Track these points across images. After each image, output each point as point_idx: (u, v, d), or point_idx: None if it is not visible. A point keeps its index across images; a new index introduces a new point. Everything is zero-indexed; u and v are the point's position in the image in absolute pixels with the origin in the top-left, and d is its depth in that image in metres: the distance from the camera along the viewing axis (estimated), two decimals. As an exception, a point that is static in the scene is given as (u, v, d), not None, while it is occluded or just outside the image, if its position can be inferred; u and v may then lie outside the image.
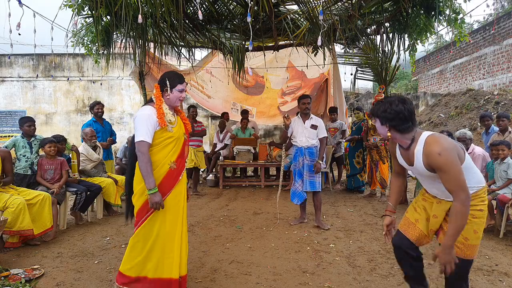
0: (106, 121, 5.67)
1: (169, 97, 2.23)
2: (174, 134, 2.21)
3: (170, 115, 2.23)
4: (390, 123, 1.86)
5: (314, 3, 4.23)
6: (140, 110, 2.19)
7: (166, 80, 2.22)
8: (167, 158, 2.18)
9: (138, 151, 2.09)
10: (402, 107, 1.82)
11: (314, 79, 7.68)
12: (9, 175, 3.51)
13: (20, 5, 3.67)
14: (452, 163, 1.69)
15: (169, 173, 2.18)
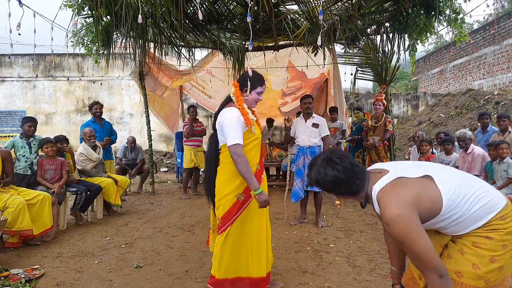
0: (106, 121, 5.67)
1: (248, 98, 2.21)
2: (258, 135, 2.20)
3: (251, 114, 2.20)
4: (335, 193, 1.49)
5: (314, 3, 4.23)
6: (227, 112, 2.13)
7: (247, 80, 2.19)
8: (254, 159, 2.16)
9: (235, 154, 2.03)
10: (333, 172, 1.42)
11: (314, 79, 7.68)
12: (9, 176, 3.52)
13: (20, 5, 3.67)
14: (406, 236, 1.23)
15: (256, 174, 2.16)
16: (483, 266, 1.28)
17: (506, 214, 1.31)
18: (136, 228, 4.09)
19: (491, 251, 1.28)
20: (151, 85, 6.53)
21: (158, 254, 3.22)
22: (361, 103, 11.62)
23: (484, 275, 1.28)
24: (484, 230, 1.30)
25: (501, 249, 1.27)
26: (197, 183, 6.34)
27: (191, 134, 5.78)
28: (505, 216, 1.30)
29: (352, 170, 1.41)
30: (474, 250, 1.29)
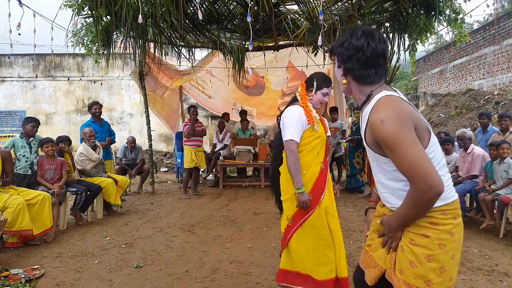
0: (104, 121, 5.67)
1: (312, 97, 2.23)
2: (321, 133, 2.22)
3: (314, 112, 2.23)
4: (345, 65, 1.31)
5: (314, 3, 4.23)
6: (289, 110, 2.19)
7: (314, 80, 2.23)
8: (318, 158, 2.18)
9: (288, 149, 2.10)
10: (365, 43, 1.24)
11: (314, 79, 7.67)
12: (9, 175, 3.51)
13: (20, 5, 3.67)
14: (399, 136, 1.12)
15: (321, 173, 2.18)
16: (420, 265, 1.21)
17: (450, 210, 1.22)
18: (136, 228, 4.09)
19: (427, 249, 1.21)
20: (151, 85, 6.53)
21: (158, 254, 3.22)
22: (361, 103, 11.61)
23: (422, 275, 1.21)
24: (423, 222, 1.21)
25: (438, 248, 1.20)
26: (197, 183, 6.34)
27: (192, 134, 5.78)
28: (447, 212, 1.22)
29: (380, 58, 1.26)
30: (411, 248, 1.23)
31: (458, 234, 1.24)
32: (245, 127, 7.30)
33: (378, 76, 1.28)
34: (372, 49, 1.24)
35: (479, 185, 4.16)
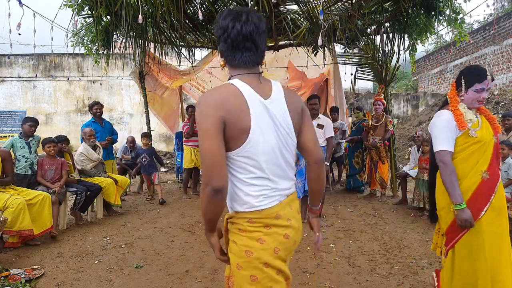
0: (106, 121, 5.67)
1: (464, 98, 1.93)
2: (480, 138, 1.85)
3: (471, 114, 1.90)
4: (218, 46, 1.26)
5: (314, 3, 4.24)
6: (436, 116, 1.95)
7: (461, 78, 1.95)
8: (477, 167, 1.84)
9: (440, 162, 1.85)
10: (230, 23, 1.18)
11: (314, 79, 7.67)
12: (9, 175, 3.51)
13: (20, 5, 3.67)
14: (200, 124, 1.13)
15: (481, 184, 1.83)
16: (235, 273, 1.18)
17: (257, 219, 1.18)
18: (136, 228, 4.09)
19: (237, 256, 1.17)
20: (151, 85, 6.53)
21: (158, 254, 3.22)
22: (361, 103, 11.62)
23: (238, 284, 1.18)
24: (233, 229, 1.20)
25: (245, 255, 1.15)
26: (197, 183, 6.33)
27: (191, 134, 5.78)
28: (254, 220, 1.18)
29: (244, 41, 1.18)
30: (229, 256, 1.21)
31: (272, 243, 1.17)
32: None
33: (243, 61, 1.21)
34: (237, 31, 1.16)
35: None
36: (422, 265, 2.95)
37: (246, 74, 1.22)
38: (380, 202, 5.37)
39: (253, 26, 1.18)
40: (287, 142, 1.25)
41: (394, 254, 3.21)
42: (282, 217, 1.21)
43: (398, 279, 2.68)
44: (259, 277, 1.15)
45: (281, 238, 1.20)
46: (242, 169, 1.18)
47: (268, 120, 1.20)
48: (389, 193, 5.82)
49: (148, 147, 5.72)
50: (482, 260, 1.79)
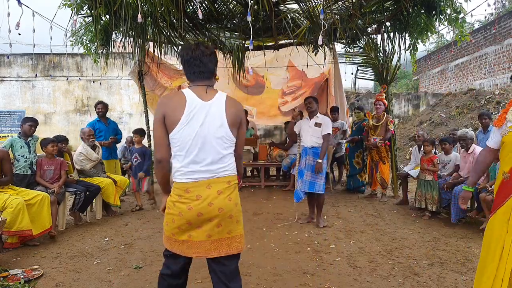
0: (111, 120, 5.71)
1: None
2: (505, 139, 1.90)
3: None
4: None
5: (314, 2, 4.22)
6: None
7: None
8: (501, 167, 1.92)
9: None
10: (185, 52, 1.71)
11: (314, 79, 7.65)
12: (7, 175, 3.49)
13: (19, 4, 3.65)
14: (154, 118, 1.74)
15: (502, 184, 1.87)
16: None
17: (175, 188, 1.68)
18: (136, 228, 4.08)
19: (167, 207, 1.74)
20: (150, 85, 6.51)
21: (157, 255, 3.20)
22: (362, 103, 11.60)
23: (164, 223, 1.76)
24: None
25: (167, 209, 1.72)
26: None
27: None
28: (174, 188, 1.69)
29: (189, 63, 1.72)
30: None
31: (178, 209, 1.65)
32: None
33: (195, 76, 1.73)
34: (189, 55, 1.70)
35: (480, 185, 4.14)
36: (423, 265, 2.93)
37: (195, 86, 1.72)
38: (381, 203, 5.35)
39: (200, 52, 1.69)
40: (218, 133, 1.66)
41: (395, 254, 3.19)
42: (192, 193, 1.64)
43: (399, 280, 2.66)
44: (168, 225, 1.70)
45: (184, 208, 1.63)
46: (174, 147, 1.68)
47: (201, 116, 1.65)
48: (390, 193, 5.80)
49: (141, 145, 5.11)
50: (484, 251, 1.89)
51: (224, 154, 1.68)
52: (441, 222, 4.31)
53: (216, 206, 1.63)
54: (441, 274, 2.76)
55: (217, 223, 1.65)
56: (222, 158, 1.67)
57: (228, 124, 1.67)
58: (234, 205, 1.69)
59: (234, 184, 1.73)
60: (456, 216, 4.16)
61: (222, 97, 1.71)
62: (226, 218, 1.66)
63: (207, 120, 1.64)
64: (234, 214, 1.69)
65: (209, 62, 1.72)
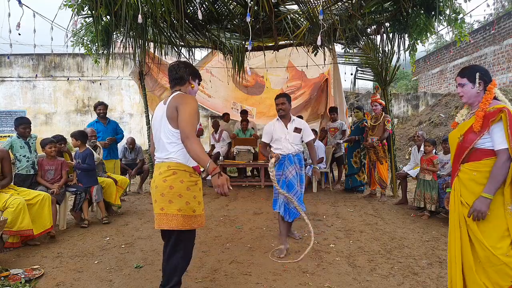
0: (112, 120, 5.70)
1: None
2: (449, 136, 2.12)
3: (464, 111, 2.10)
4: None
5: (314, 3, 4.23)
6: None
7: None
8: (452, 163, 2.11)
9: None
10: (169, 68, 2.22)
11: (314, 79, 7.68)
12: (7, 175, 3.50)
13: (20, 5, 3.67)
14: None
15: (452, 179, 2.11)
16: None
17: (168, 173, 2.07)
18: (136, 228, 4.09)
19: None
20: (150, 86, 6.53)
21: (158, 254, 3.22)
22: (361, 103, 11.62)
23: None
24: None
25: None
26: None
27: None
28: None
29: (170, 74, 2.23)
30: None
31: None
32: (244, 128, 7.30)
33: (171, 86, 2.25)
34: (169, 71, 2.22)
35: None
36: (422, 265, 2.94)
37: (173, 92, 2.17)
38: (380, 202, 5.37)
39: (173, 67, 2.21)
40: (164, 128, 2.09)
41: (394, 254, 3.20)
42: (154, 172, 2.18)
43: (398, 279, 2.68)
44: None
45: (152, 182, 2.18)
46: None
47: (158, 115, 2.17)
48: (389, 193, 5.82)
49: (84, 148, 4.34)
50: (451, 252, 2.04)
51: (167, 142, 2.09)
52: (440, 221, 4.32)
53: (154, 184, 2.11)
54: (440, 274, 2.77)
55: (154, 200, 2.12)
56: (167, 145, 2.09)
57: (169, 119, 2.06)
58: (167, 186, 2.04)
59: (174, 169, 2.05)
60: (455, 216, 4.17)
61: (170, 98, 2.12)
62: (159, 196, 2.06)
63: (160, 118, 2.15)
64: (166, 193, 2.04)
65: (180, 71, 2.21)
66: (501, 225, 1.84)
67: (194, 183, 2.09)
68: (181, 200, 2.03)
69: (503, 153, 1.82)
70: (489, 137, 1.88)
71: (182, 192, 2.03)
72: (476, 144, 1.92)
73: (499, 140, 1.83)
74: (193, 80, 2.25)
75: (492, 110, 1.87)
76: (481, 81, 1.98)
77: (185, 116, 1.97)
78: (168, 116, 2.04)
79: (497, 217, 1.85)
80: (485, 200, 1.83)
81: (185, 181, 2.04)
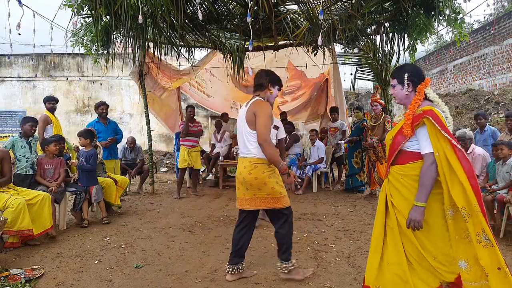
0: (112, 120, 5.71)
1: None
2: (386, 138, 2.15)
3: (401, 112, 2.15)
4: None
5: (314, 3, 4.24)
6: None
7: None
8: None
9: None
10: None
11: (314, 79, 7.68)
12: (7, 175, 3.50)
13: (20, 5, 3.67)
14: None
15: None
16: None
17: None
18: (136, 228, 4.09)
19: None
20: (150, 86, 6.53)
21: (158, 254, 3.22)
22: (361, 103, 11.62)
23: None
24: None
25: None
26: (196, 183, 6.33)
27: (186, 134, 5.77)
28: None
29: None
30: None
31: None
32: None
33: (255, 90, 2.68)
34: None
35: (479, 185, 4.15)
36: (422, 265, 2.94)
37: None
38: (380, 202, 5.36)
39: (256, 74, 2.73)
40: (244, 128, 2.53)
41: (394, 254, 3.20)
42: (238, 165, 2.63)
43: (398, 279, 2.68)
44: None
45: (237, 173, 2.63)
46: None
47: (241, 116, 2.59)
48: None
49: (89, 148, 4.36)
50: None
51: (247, 142, 2.53)
52: (440, 221, 4.32)
53: (241, 174, 2.55)
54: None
55: (245, 188, 2.56)
56: (248, 144, 2.52)
57: (248, 123, 2.49)
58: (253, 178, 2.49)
59: (255, 163, 2.48)
60: (455, 216, 4.17)
61: (249, 103, 2.54)
62: (249, 185, 2.52)
63: (241, 121, 2.57)
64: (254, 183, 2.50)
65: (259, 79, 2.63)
66: (442, 233, 1.83)
67: (272, 171, 2.51)
68: (267, 187, 2.48)
69: (428, 157, 1.79)
70: (416, 140, 1.87)
71: (266, 180, 2.47)
72: (403, 146, 1.92)
73: (424, 144, 1.82)
74: (273, 87, 2.62)
75: (417, 113, 1.86)
76: (410, 82, 1.96)
77: (262, 122, 2.40)
78: (247, 119, 2.48)
79: (435, 224, 1.83)
80: (417, 208, 1.79)
81: (265, 171, 2.48)
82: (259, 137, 2.39)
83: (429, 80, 1.97)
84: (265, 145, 2.39)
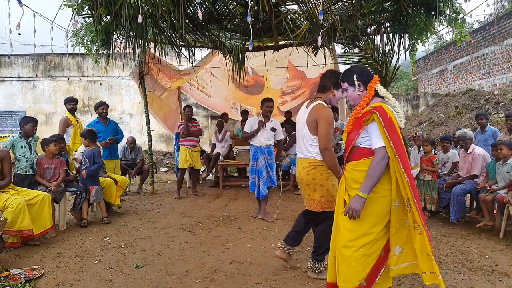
0: (112, 120, 5.71)
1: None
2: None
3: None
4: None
5: (314, 3, 4.23)
6: None
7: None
8: None
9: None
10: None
11: (314, 79, 7.66)
12: (7, 176, 3.49)
13: (20, 5, 3.67)
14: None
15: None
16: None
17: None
18: (136, 228, 4.09)
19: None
20: (150, 86, 6.53)
21: (158, 254, 3.22)
22: (361, 103, 11.61)
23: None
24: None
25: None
26: (196, 183, 6.33)
27: (186, 134, 5.77)
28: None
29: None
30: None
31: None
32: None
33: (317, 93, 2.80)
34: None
35: (479, 185, 4.15)
36: (422, 265, 2.94)
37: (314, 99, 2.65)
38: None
39: (322, 75, 2.81)
40: (305, 132, 2.59)
41: (394, 254, 3.20)
42: (297, 166, 2.70)
43: (398, 279, 2.68)
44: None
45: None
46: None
47: (300, 117, 2.66)
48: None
49: (93, 147, 4.37)
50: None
51: (305, 144, 2.61)
52: (440, 221, 4.32)
53: (300, 175, 2.64)
54: (440, 274, 2.77)
55: (302, 188, 2.67)
56: (306, 147, 2.60)
57: (308, 127, 2.55)
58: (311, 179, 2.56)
59: (314, 165, 2.54)
60: (455, 216, 4.17)
61: (310, 106, 2.58)
62: (305, 185, 2.60)
63: (300, 123, 2.66)
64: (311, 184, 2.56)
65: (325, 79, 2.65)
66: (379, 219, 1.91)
67: (330, 174, 2.53)
68: (322, 189, 2.53)
69: (379, 151, 1.86)
70: (367, 135, 1.93)
71: (323, 182, 2.53)
72: (356, 142, 1.96)
73: (375, 139, 1.89)
74: (335, 89, 2.59)
75: (368, 110, 1.91)
76: (360, 82, 2.00)
77: (324, 130, 2.45)
78: (308, 124, 2.54)
79: (370, 216, 1.90)
80: (360, 199, 1.84)
81: (324, 173, 2.53)
82: (321, 145, 2.46)
83: (377, 77, 2.03)
84: (326, 153, 2.44)
